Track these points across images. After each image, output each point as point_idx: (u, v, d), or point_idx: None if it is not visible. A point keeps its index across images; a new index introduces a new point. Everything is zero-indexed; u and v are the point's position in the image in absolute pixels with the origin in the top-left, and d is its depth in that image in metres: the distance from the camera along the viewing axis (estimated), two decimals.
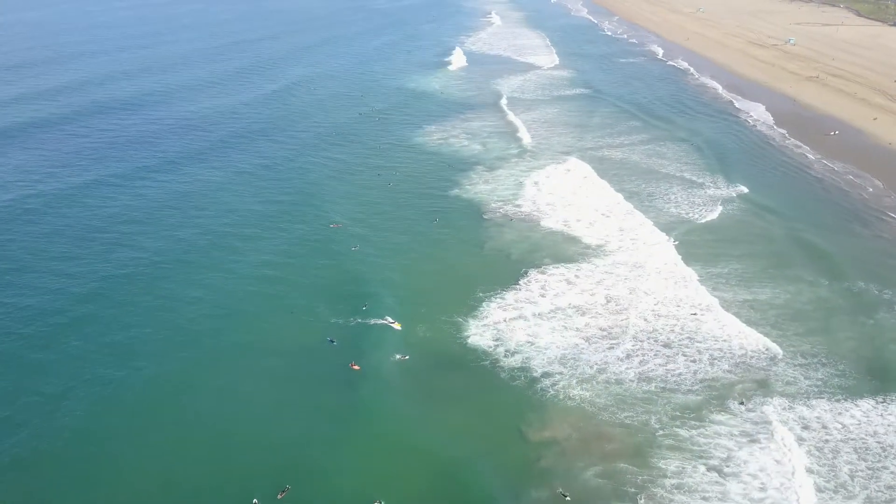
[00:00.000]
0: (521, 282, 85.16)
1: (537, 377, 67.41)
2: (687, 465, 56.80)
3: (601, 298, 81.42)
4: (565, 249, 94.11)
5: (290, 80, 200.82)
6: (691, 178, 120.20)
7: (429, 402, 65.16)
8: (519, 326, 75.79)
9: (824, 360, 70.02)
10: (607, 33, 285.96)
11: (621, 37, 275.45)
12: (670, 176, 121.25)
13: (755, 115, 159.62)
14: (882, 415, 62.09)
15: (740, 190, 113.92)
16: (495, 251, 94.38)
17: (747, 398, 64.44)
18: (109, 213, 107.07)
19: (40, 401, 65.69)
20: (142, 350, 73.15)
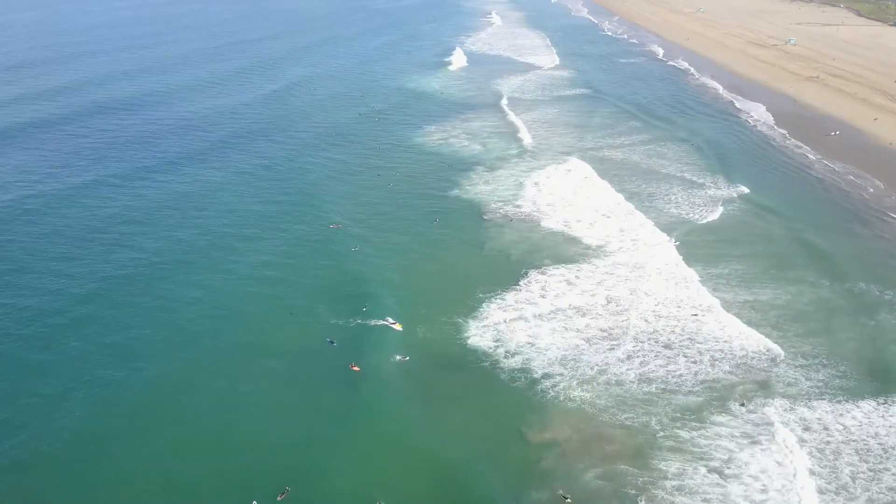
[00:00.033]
0: (522, 282, 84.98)
1: (537, 378, 67.25)
2: (688, 467, 56.64)
3: (602, 299, 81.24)
4: (566, 250, 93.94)
5: (289, 80, 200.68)
6: (692, 178, 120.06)
7: (429, 404, 65.00)
8: (519, 327, 75.59)
9: (825, 362, 69.86)
10: (607, 33, 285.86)
11: (621, 37, 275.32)
12: (671, 176, 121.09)
13: (756, 115, 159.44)
14: (883, 416, 61.92)
15: (741, 190, 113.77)
16: (495, 252, 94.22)
17: (748, 399, 64.28)
18: (109, 213, 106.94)
19: (40, 402, 65.55)
20: (141, 351, 73.03)
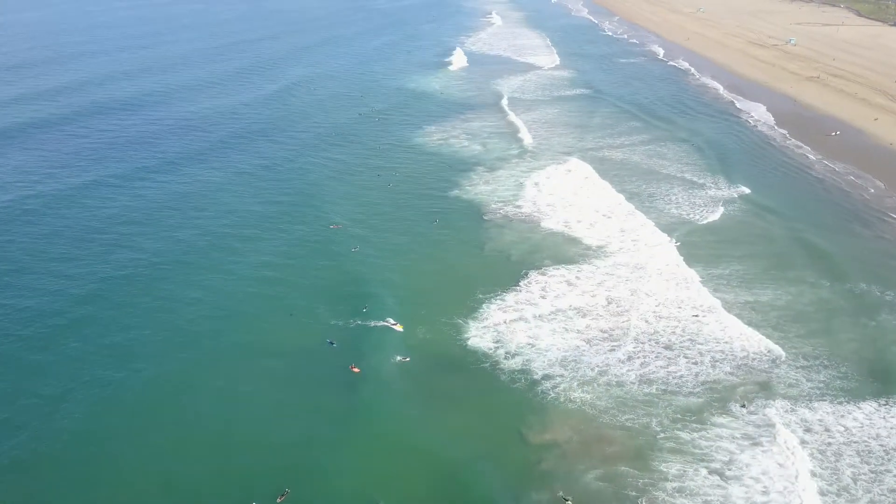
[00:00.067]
0: (522, 283, 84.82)
1: (538, 379, 67.06)
2: (688, 469, 56.48)
3: (602, 300, 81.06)
4: (566, 250, 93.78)
5: (290, 80, 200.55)
6: (692, 178, 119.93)
7: (429, 405, 64.81)
8: (519, 328, 75.41)
9: (826, 362, 69.70)
10: (608, 33, 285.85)
11: (622, 37, 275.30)
12: (671, 176, 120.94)
13: (756, 115, 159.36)
14: (885, 417, 61.76)
15: (741, 191, 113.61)
16: (495, 252, 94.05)
17: (749, 401, 64.11)
18: (109, 213, 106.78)
19: (39, 402, 65.41)
20: (141, 351, 72.88)
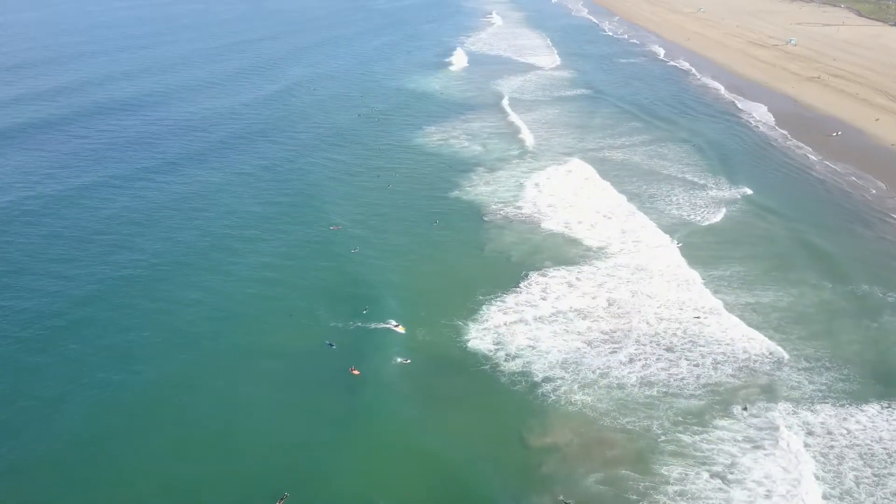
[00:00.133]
0: (522, 284, 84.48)
1: (538, 382, 66.72)
2: (690, 472, 56.16)
3: (603, 301, 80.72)
4: (566, 251, 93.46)
5: (290, 80, 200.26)
6: (693, 179, 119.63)
7: (428, 408, 64.45)
8: (519, 330, 75.07)
9: (828, 364, 69.37)
10: (608, 33, 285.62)
11: (622, 37, 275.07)
12: (672, 177, 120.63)
13: (757, 115, 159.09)
14: (888, 420, 61.42)
15: (743, 191, 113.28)
16: (495, 253, 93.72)
17: (751, 403, 63.80)
18: (108, 214, 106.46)
19: (38, 404, 65.15)
20: (140, 353, 72.59)
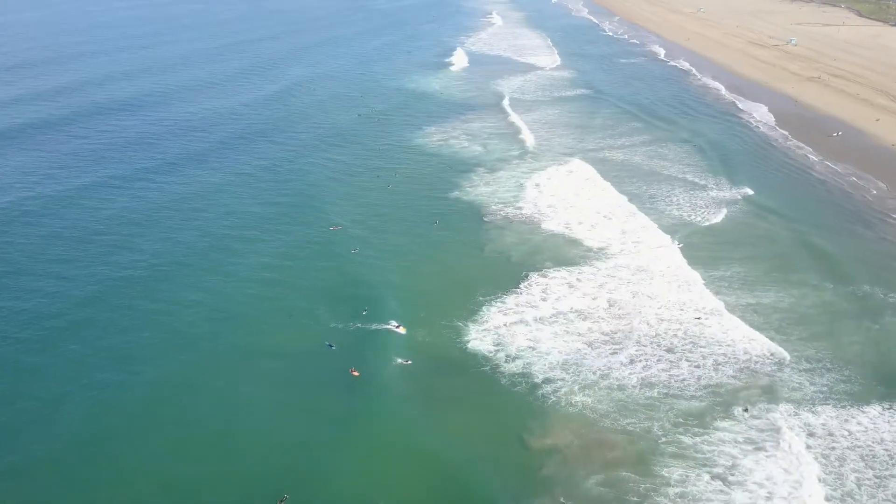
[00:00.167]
0: (522, 285, 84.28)
1: (538, 383, 66.53)
2: (690, 474, 55.98)
3: (603, 302, 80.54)
4: (566, 252, 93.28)
5: (290, 80, 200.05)
6: (694, 179, 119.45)
7: (428, 409, 64.24)
8: (520, 331, 74.86)
9: (829, 366, 69.18)
10: (608, 33, 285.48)
11: (622, 37, 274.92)
12: (673, 177, 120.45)
13: (757, 115, 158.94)
14: (889, 421, 61.20)
15: (743, 192, 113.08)
16: (496, 254, 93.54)
17: (752, 404, 63.62)
18: (108, 215, 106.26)
19: (38, 405, 64.98)
20: (140, 354, 72.42)
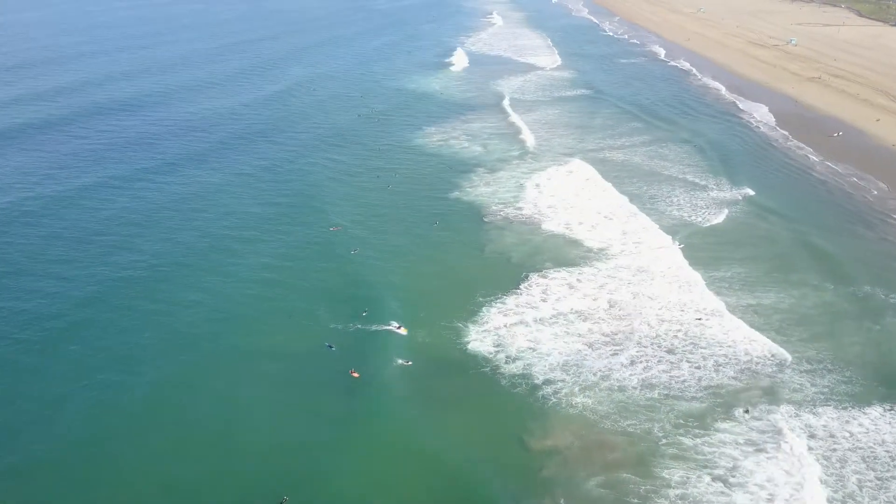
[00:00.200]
0: (522, 286, 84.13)
1: (539, 384, 66.39)
2: (691, 475, 55.86)
3: (604, 303, 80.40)
4: (567, 253, 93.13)
5: (290, 80, 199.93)
6: (694, 180, 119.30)
7: (428, 411, 64.10)
8: (520, 332, 74.71)
9: (830, 367, 69.03)
10: (608, 34, 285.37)
11: (622, 37, 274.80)
12: (673, 178, 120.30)
13: (757, 116, 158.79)
14: (890, 423, 61.05)
15: (744, 192, 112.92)
16: (496, 254, 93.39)
17: (753, 405, 63.49)
18: (108, 215, 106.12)
19: (38, 406, 64.92)
20: (140, 354, 72.33)
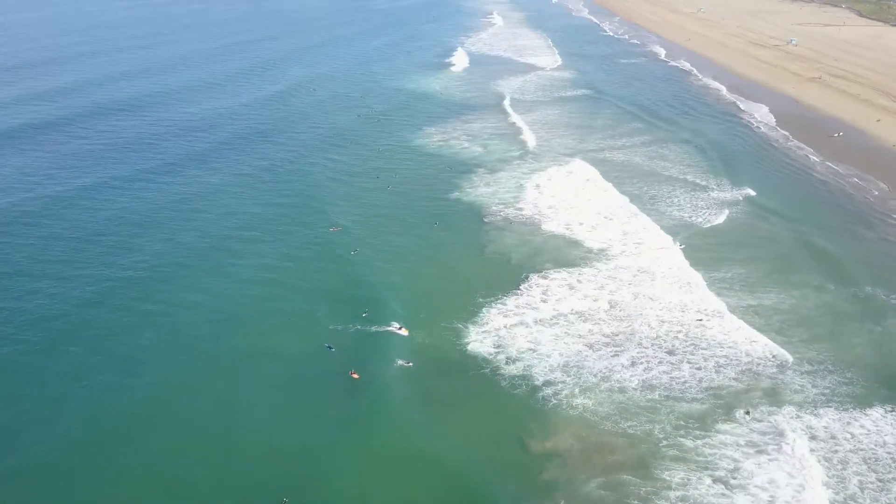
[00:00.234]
0: (522, 287, 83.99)
1: (539, 385, 66.23)
2: (692, 477, 55.71)
3: (604, 304, 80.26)
4: (567, 253, 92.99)
5: (290, 81, 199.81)
6: (695, 180, 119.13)
7: (428, 412, 63.91)
8: (520, 333, 74.55)
9: (831, 368, 68.86)
10: (608, 34, 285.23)
11: (622, 37, 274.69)
12: (674, 178, 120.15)
13: (758, 116, 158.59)
14: (892, 424, 60.83)
15: (745, 192, 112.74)
16: (496, 255, 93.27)
17: (754, 407, 63.36)
18: (108, 216, 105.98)
19: (37, 407, 64.73)
20: (140, 355, 72.18)
